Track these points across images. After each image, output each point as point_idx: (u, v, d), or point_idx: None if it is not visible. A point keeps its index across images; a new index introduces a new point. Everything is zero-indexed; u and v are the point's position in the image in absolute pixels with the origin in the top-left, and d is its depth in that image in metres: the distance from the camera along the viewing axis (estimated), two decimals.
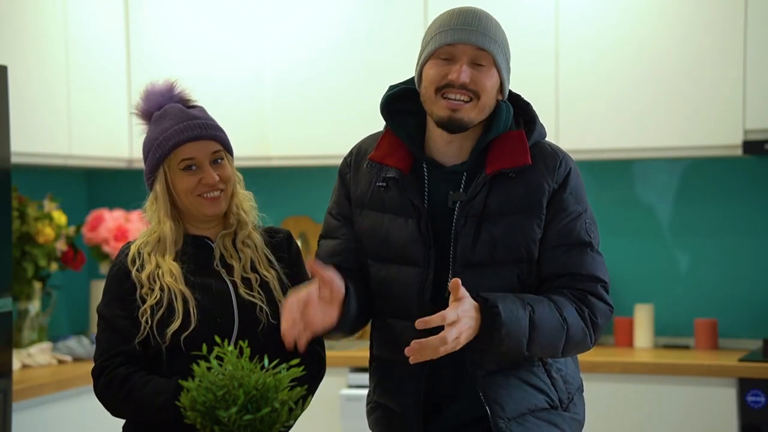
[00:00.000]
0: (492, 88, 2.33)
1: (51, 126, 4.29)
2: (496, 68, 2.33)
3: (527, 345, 2.25)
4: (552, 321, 2.27)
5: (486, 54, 2.31)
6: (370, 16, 4.59)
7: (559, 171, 2.38)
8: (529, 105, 2.44)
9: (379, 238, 2.39)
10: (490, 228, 2.33)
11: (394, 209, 2.39)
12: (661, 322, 4.53)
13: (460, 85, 2.29)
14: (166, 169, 2.42)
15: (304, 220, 4.84)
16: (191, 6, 4.75)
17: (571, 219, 2.37)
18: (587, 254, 2.37)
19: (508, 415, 2.34)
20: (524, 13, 4.40)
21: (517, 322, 2.22)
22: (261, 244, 2.48)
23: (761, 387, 3.93)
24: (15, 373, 3.81)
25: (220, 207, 2.43)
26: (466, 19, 2.32)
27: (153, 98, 2.47)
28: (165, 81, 2.49)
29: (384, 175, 2.39)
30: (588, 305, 2.34)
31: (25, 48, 4.14)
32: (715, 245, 4.54)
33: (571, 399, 2.44)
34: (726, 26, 4.18)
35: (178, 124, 2.40)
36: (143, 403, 2.32)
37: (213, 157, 2.42)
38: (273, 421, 2.05)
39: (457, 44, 2.30)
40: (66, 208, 4.42)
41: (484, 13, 2.36)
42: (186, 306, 2.37)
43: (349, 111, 4.56)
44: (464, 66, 2.30)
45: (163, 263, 2.40)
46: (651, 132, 4.29)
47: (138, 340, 2.37)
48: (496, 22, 2.37)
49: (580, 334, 2.33)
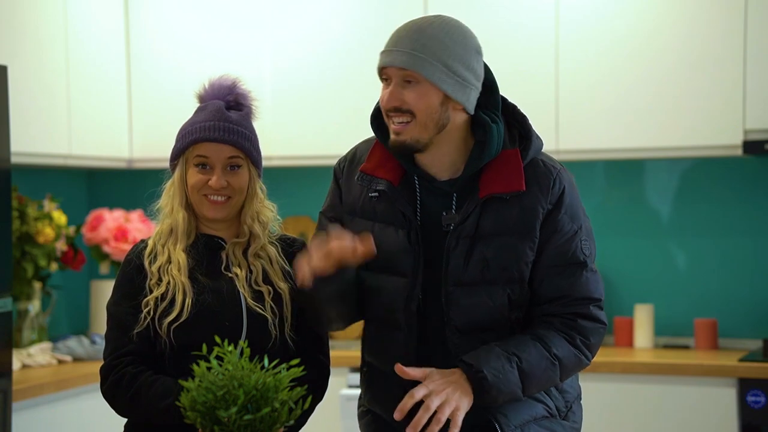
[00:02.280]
0: (428, 104, 2.28)
1: (51, 126, 4.29)
2: (429, 83, 2.28)
3: (523, 392, 2.28)
4: (541, 362, 2.29)
5: (412, 72, 2.27)
6: (370, 17, 4.59)
7: (553, 191, 2.35)
8: (525, 118, 2.39)
9: None
10: (482, 249, 2.32)
11: (385, 219, 2.38)
12: (661, 322, 4.53)
13: (392, 108, 2.29)
14: (185, 160, 2.42)
15: (304, 220, 4.84)
16: (191, 6, 4.75)
17: (566, 239, 2.36)
18: (581, 275, 2.37)
19: (513, 422, 2.34)
20: (524, 13, 4.40)
21: (506, 379, 2.25)
22: (275, 256, 2.46)
23: (761, 387, 3.93)
24: (15, 373, 3.81)
25: (220, 212, 2.42)
26: (396, 40, 2.30)
27: (213, 89, 2.48)
28: (233, 78, 2.50)
29: (375, 186, 2.38)
30: (578, 330, 2.35)
31: (25, 48, 4.14)
32: (715, 245, 4.54)
33: (570, 407, 2.45)
34: (726, 26, 4.18)
35: (207, 122, 2.40)
36: (149, 404, 2.32)
37: (228, 163, 2.41)
38: (273, 421, 2.05)
39: (387, 67, 2.30)
40: (66, 208, 4.42)
41: (418, 27, 2.30)
42: (184, 298, 2.36)
43: (349, 111, 4.55)
44: (390, 89, 2.29)
45: (173, 254, 2.40)
46: (651, 132, 4.29)
47: (137, 331, 2.36)
48: (433, 33, 2.29)
49: (573, 360, 2.35)
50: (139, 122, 4.68)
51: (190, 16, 4.74)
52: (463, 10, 4.33)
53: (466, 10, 4.36)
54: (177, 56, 4.71)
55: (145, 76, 4.73)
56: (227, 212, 2.43)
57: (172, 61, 4.69)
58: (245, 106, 2.50)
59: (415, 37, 2.28)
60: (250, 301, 2.39)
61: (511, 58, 4.35)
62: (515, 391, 2.26)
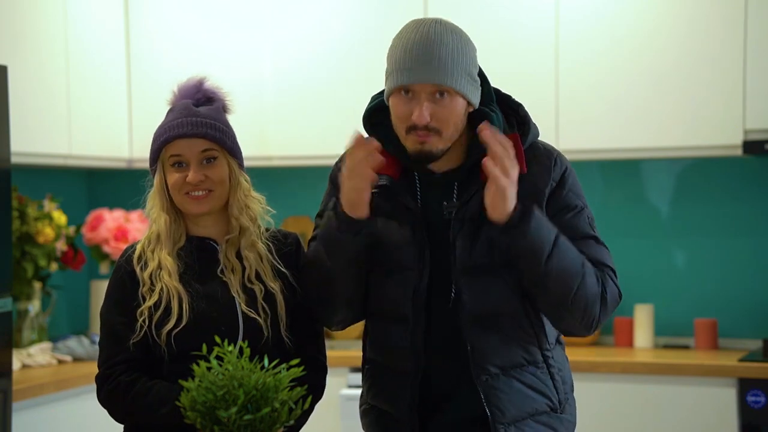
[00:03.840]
0: (457, 116, 2.29)
1: (51, 126, 4.29)
2: (459, 95, 2.28)
3: (547, 258, 2.24)
4: (574, 257, 2.28)
5: (445, 87, 2.27)
6: (369, 17, 4.59)
7: (556, 169, 2.37)
8: (520, 106, 2.40)
9: (372, 242, 2.37)
10: (487, 230, 2.31)
11: (388, 214, 2.37)
12: (661, 322, 4.53)
13: (424, 126, 2.27)
14: (161, 163, 2.41)
15: (304, 220, 4.84)
16: (191, 6, 4.75)
17: (574, 214, 2.37)
18: (594, 246, 2.37)
19: (508, 419, 2.34)
20: (524, 13, 4.40)
21: (546, 230, 2.24)
22: (266, 253, 2.44)
23: (761, 387, 3.93)
24: (15, 373, 3.81)
25: (204, 206, 2.40)
26: (420, 56, 2.27)
27: (180, 92, 2.47)
28: (199, 77, 2.48)
29: (376, 182, 2.35)
30: (603, 279, 2.35)
31: (25, 48, 4.14)
32: (715, 245, 4.54)
33: (567, 399, 2.45)
34: (726, 26, 4.18)
35: (175, 120, 2.39)
36: (147, 411, 2.32)
37: (203, 156, 2.38)
38: (273, 421, 2.05)
39: (414, 84, 2.28)
40: (66, 208, 4.42)
41: (439, 38, 2.29)
42: (180, 304, 2.35)
43: (349, 111, 4.53)
44: (424, 105, 2.26)
45: (162, 260, 2.39)
46: (651, 132, 4.29)
47: (134, 341, 2.35)
48: (453, 43, 2.29)
49: (593, 291, 2.31)
50: (139, 122, 4.68)
51: (190, 16, 4.74)
52: (463, 10, 4.35)
53: (466, 10, 4.36)
54: (177, 56, 4.70)
55: (145, 76, 4.73)
56: (210, 205, 2.40)
57: (172, 61, 4.69)
58: (216, 100, 2.48)
59: (440, 52, 2.27)
60: (245, 307, 2.38)
61: (511, 58, 4.35)
62: (544, 247, 2.24)
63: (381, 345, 2.43)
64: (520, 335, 2.37)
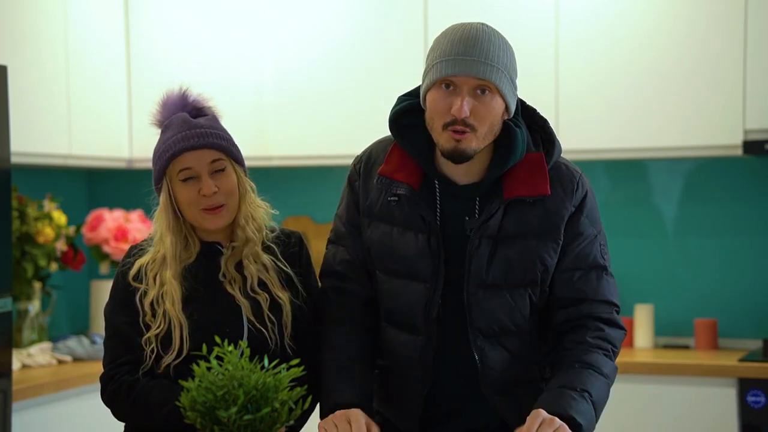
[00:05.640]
0: (495, 116, 2.27)
1: (51, 126, 4.29)
2: (499, 94, 2.27)
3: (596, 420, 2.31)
4: (602, 388, 2.32)
5: (488, 82, 2.25)
6: (370, 18, 4.58)
7: (577, 194, 2.36)
8: (546, 122, 2.38)
9: (387, 251, 2.36)
10: (505, 250, 2.31)
11: (405, 223, 2.35)
12: (661, 322, 4.53)
13: (462, 121, 2.24)
14: (169, 180, 2.38)
15: (304, 220, 4.84)
16: (191, 6, 4.75)
17: (588, 242, 2.36)
18: (602, 279, 2.37)
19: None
20: (524, 13, 4.40)
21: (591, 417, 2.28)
22: (271, 264, 2.42)
23: (761, 387, 3.93)
24: (15, 373, 3.81)
25: (221, 220, 2.38)
26: (467, 48, 2.24)
27: (167, 108, 2.43)
28: (178, 89, 2.44)
29: (395, 190, 2.34)
30: (608, 340, 2.36)
31: (25, 48, 4.14)
32: (715, 245, 4.54)
33: None
34: (726, 26, 4.18)
35: (178, 134, 2.36)
36: (149, 411, 2.32)
37: (213, 167, 2.36)
38: (273, 421, 2.05)
39: (458, 75, 2.24)
40: (66, 208, 4.42)
41: (486, 36, 2.27)
42: (181, 334, 2.33)
43: (349, 111, 4.56)
44: (465, 99, 2.23)
45: (166, 285, 2.35)
46: (651, 132, 4.29)
47: (143, 370, 2.34)
48: (499, 43, 2.27)
49: (614, 373, 2.37)
50: (139, 122, 4.68)
51: (190, 16, 4.74)
52: (463, 10, 4.35)
53: (466, 10, 4.36)
54: (177, 56, 4.70)
55: (145, 76, 4.73)
56: (229, 217, 2.39)
57: (172, 61, 4.69)
58: (206, 109, 2.46)
59: (487, 47, 2.25)
60: (251, 316, 2.37)
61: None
62: (594, 424, 2.29)
63: (390, 351, 2.42)
64: (530, 353, 2.38)
